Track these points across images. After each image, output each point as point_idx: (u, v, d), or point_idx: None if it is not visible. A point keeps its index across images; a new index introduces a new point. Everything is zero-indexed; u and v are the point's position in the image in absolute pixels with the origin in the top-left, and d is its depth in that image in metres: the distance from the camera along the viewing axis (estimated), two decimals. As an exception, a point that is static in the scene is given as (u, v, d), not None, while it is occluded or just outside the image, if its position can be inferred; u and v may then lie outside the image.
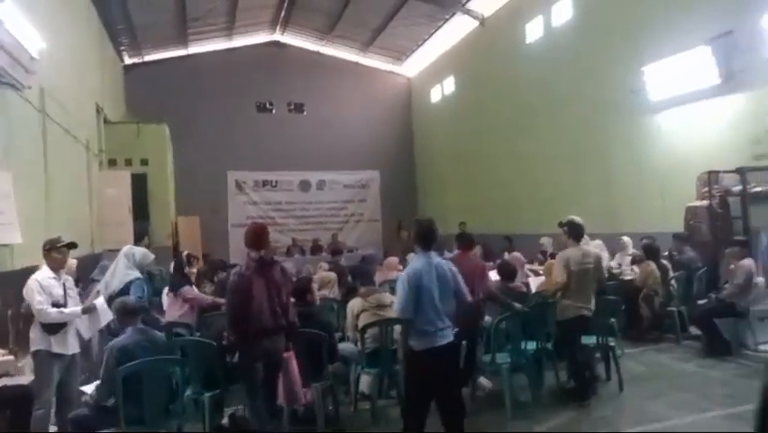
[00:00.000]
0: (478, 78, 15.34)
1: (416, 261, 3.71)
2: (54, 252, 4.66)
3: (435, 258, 3.72)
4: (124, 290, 4.93)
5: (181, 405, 3.93)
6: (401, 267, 8.36)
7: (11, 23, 5.17)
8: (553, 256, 8.11)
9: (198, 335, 5.17)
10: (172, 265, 7.89)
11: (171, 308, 6.28)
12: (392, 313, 4.72)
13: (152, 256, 5.97)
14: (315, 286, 7.23)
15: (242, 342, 3.86)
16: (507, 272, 5.86)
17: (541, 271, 7.35)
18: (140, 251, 5.75)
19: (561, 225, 5.76)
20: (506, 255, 8.58)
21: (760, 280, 6.56)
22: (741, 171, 7.49)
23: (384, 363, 4.86)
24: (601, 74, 10.40)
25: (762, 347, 6.41)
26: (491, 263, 7.70)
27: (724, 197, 7.64)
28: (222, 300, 5.31)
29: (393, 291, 7.54)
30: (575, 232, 5.37)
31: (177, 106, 16.04)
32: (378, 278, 8.19)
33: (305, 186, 18.76)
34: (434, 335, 3.56)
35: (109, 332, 4.66)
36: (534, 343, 5.16)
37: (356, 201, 19.44)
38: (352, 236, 18.70)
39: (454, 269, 3.78)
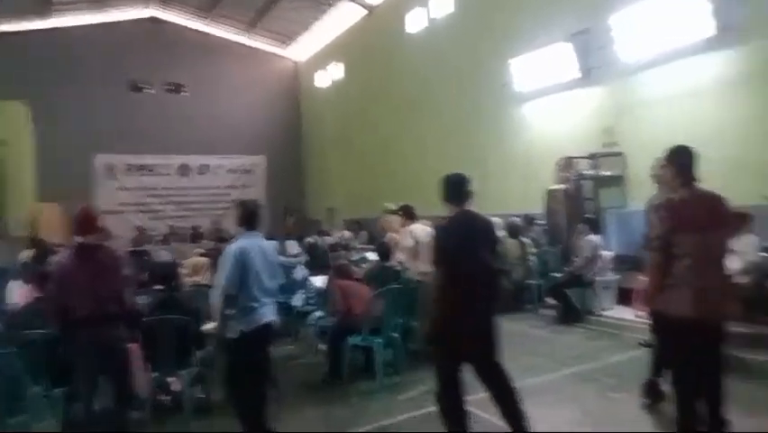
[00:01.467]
0: (365, 66, 15.48)
1: (241, 239, 3.71)
2: None
3: (260, 238, 3.80)
4: None
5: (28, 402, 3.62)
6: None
7: None
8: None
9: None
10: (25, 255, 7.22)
11: (23, 299, 5.75)
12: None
13: None
14: (184, 272, 6.99)
15: (65, 333, 3.62)
16: (383, 253, 6.12)
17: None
18: None
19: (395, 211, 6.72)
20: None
21: (605, 253, 7.30)
22: (593, 157, 8.28)
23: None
24: (477, 66, 10.95)
25: (605, 313, 7.18)
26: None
27: (578, 180, 8.41)
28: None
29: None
30: (409, 213, 6.44)
31: (40, 83, 14.57)
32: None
33: (184, 170, 17.88)
34: (258, 312, 3.62)
35: None
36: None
37: (241, 187, 18.82)
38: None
39: (276, 252, 3.93)
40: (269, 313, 3.70)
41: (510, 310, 7.61)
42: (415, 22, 12.95)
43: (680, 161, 3.10)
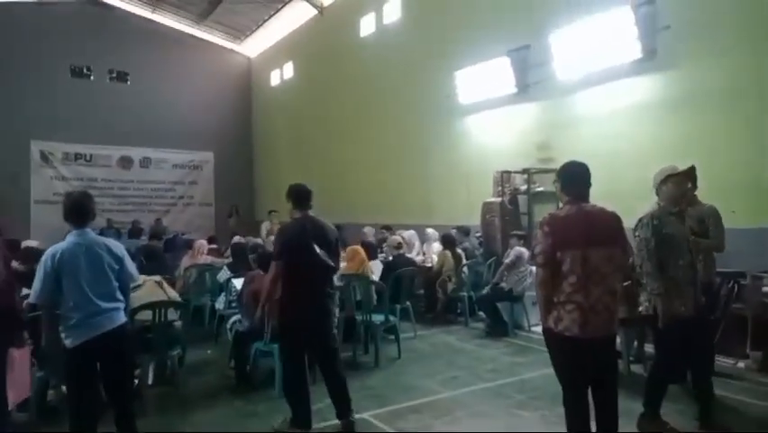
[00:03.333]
0: (316, 67, 15.29)
1: (67, 239, 3.27)
2: None
3: (91, 236, 3.32)
4: None
5: None
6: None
7: None
8: (365, 244, 8.37)
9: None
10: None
11: None
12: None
13: None
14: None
15: None
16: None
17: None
18: None
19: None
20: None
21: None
22: (528, 172, 8.36)
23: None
24: (423, 75, 10.95)
25: (534, 328, 7.21)
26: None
27: (514, 194, 8.48)
28: None
29: (199, 276, 7.36)
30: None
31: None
32: (185, 262, 7.82)
33: (125, 162, 17.23)
34: (89, 323, 3.16)
35: None
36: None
37: (186, 183, 18.35)
38: (180, 220, 17.62)
39: (121, 249, 3.40)
40: (104, 323, 3.20)
41: (442, 322, 7.63)
42: (365, 26, 12.87)
43: (567, 176, 3.05)
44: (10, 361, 3.57)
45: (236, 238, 9.03)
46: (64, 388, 4.16)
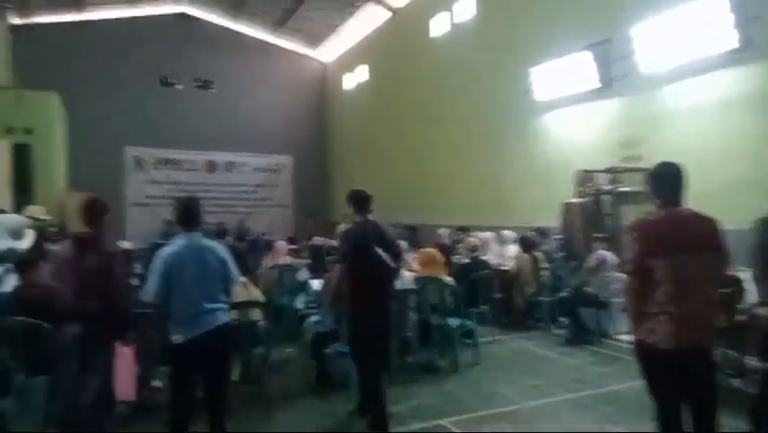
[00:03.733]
0: (390, 68, 15.36)
1: (176, 242, 3.46)
2: None
3: (198, 239, 3.49)
4: None
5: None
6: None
7: None
8: (440, 246, 8.30)
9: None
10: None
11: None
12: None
13: (25, 222, 5.60)
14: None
15: (55, 323, 3.57)
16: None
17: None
18: (11, 218, 5.52)
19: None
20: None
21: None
22: (612, 171, 7.96)
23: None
24: (498, 73, 10.70)
25: (622, 336, 6.86)
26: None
27: (596, 195, 8.10)
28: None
29: (279, 276, 7.57)
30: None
31: (73, 75, 14.92)
32: (267, 262, 8.07)
33: (211, 167, 18.08)
34: (195, 322, 3.33)
35: None
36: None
37: (267, 186, 18.99)
38: (261, 221, 18.15)
39: (225, 252, 3.55)
40: (210, 321, 3.39)
41: (521, 328, 7.42)
42: (438, 26, 12.76)
43: (659, 178, 2.84)
44: (120, 358, 3.80)
45: (315, 240, 9.19)
46: (155, 383, 4.45)
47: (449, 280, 5.92)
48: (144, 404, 4.41)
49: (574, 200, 8.11)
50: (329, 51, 18.88)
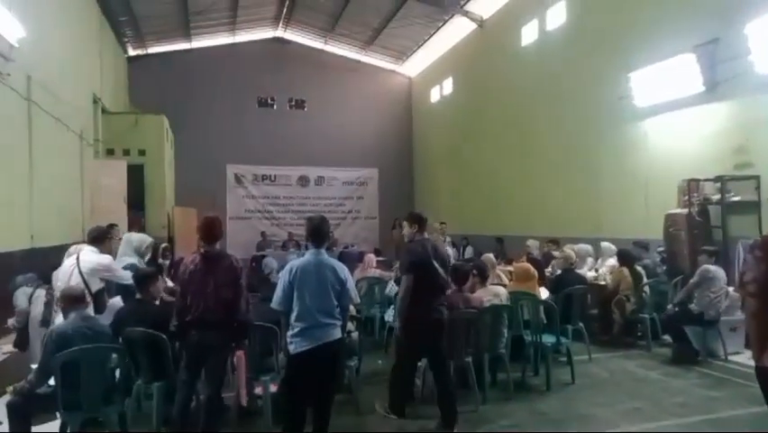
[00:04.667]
0: (475, 80, 15.25)
1: (305, 256, 3.75)
2: (108, 240, 4.92)
3: (323, 257, 3.75)
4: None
5: (123, 393, 3.91)
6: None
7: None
8: (532, 260, 8.07)
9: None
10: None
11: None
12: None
13: (149, 240, 6.05)
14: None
15: (179, 333, 3.83)
16: (459, 278, 5.19)
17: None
18: (137, 237, 5.90)
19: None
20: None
21: (732, 290, 6.42)
22: (721, 180, 7.37)
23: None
24: (592, 79, 10.28)
25: (732, 358, 6.31)
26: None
27: (703, 205, 7.53)
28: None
29: (369, 288, 7.69)
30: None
31: (179, 98, 16.14)
32: (356, 274, 8.22)
33: (303, 181, 18.81)
34: (310, 334, 3.55)
35: (42, 323, 4.69)
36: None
37: (354, 198, 19.45)
38: (349, 233, 18.74)
39: (345, 272, 3.77)
40: (322, 336, 3.59)
41: (620, 346, 7.00)
42: (526, 34, 12.51)
43: None
44: (239, 363, 4.13)
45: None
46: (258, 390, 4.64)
47: (544, 294, 5.73)
48: (248, 410, 4.61)
49: (678, 211, 7.60)
50: (414, 66, 19.07)
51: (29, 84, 7.28)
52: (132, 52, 16.27)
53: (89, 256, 4.52)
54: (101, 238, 4.81)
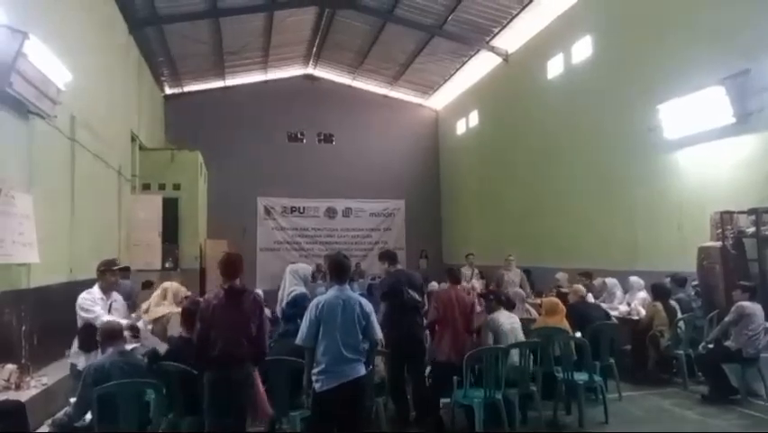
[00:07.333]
0: (501, 113, 15.33)
1: (328, 292, 3.80)
2: (108, 273, 4.90)
3: (348, 293, 3.83)
4: (292, 303, 5.30)
5: (157, 428, 3.96)
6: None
7: (36, 56, 5.48)
8: (559, 294, 7.92)
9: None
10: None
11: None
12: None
13: (310, 268, 6.42)
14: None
15: (203, 370, 3.82)
16: (453, 278, 5.80)
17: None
18: (302, 267, 6.04)
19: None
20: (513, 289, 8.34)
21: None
22: (756, 212, 7.19)
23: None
24: (620, 110, 10.23)
25: (773, 398, 6.05)
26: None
27: (738, 238, 7.34)
28: None
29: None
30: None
31: (213, 134, 16.66)
32: (383, 307, 8.20)
33: (331, 213, 19.00)
34: (335, 371, 3.60)
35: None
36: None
37: (381, 229, 19.50)
38: (376, 264, 18.56)
39: (369, 308, 3.82)
40: (348, 372, 3.63)
41: (653, 383, 6.78)
42: (552, 67, 12.57)
43: None
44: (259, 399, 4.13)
45: (433, 285, 9.18)
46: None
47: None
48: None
49: (712, 244, 7.41)
50: (441, 99, 19.29)
51: (72, 124, 7.63)
52: (168, 91, 16.91)
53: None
54: (99, 272, 4.96)
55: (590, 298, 7.76)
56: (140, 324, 4.92)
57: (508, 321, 5.44)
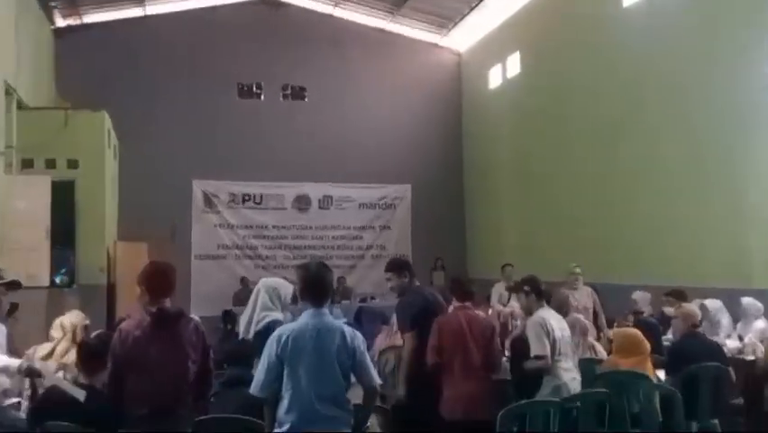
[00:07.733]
0: (554, 57, 15.35)
1: (301, 319, 3.78)
2: None
3: (327, 318, 3.78)
4: (264, 333, 5.00)
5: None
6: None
7: None
8: (642, 323, 7.90)
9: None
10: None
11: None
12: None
13: (291, 288, 6.13)
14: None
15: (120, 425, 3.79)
16: (459, 292, 5.79)
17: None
18: (282, 284, 5.94)
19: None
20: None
21: None
22: None
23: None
24: (730, 56, 10.25)
25: None
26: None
27: None
28: None
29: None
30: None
31: (127, 87, 16.66)
32: (379, 342, 8.14)
33: (302, 203, 19.00)
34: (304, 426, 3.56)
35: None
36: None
37: (377, 228, 19.53)
38: (369, 278, 18.21)
39: (357, 340, 3.79)
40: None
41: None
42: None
43: None
44: None
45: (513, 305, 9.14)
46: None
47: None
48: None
49: None
50: (465, 36, 19.33)
51: None
52: (61, 22, 16.78)
53: None
54: None
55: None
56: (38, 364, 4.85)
57: (559, 327, 5.47)
